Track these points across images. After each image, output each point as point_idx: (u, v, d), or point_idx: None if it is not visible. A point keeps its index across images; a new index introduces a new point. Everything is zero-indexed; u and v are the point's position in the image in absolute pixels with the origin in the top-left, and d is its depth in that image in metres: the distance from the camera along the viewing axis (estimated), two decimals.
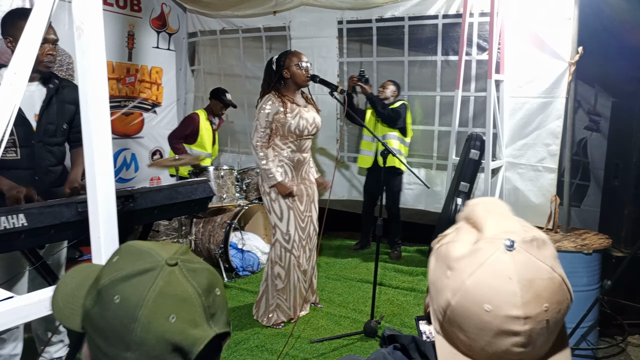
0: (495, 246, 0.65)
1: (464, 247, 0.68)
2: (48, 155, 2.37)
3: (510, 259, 0.64)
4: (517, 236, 0.66)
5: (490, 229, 0.67)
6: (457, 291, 0.65)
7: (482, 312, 0.63)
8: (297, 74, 3.08)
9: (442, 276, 0.68)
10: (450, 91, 4.25)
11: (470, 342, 0.66)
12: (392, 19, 4.46)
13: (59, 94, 2.39)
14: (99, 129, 1.32)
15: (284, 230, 3.11)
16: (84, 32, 1.26)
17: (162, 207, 2.17)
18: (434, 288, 0.70)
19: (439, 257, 0.72)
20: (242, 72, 5.46)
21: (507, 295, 0.62)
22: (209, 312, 0.71)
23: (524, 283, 0.63)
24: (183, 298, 0.69)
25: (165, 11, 5.45)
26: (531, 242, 0.66)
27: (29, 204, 1.85)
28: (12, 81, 1.16)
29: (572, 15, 3.42)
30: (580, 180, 4.36)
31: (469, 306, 0.64)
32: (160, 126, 5.61)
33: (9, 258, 2.20)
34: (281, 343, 2.90)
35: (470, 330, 0.65)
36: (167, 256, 0.72)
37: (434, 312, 0.71)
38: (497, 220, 0.69)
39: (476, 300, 0.63)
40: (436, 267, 0.71)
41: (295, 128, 3.05)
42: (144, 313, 0.66)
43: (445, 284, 0.67)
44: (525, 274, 0.63)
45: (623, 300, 3.11)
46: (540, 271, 0.64)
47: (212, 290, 0.73)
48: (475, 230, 0.70)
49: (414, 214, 4.77)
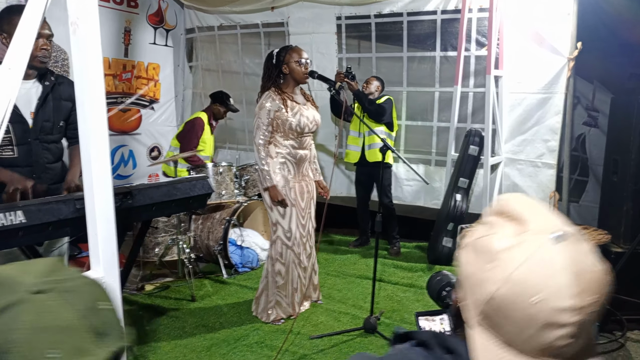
0: (542, 238, 0.65)
1: (506, 239, 0.67)
2: (45, 153, 2.36)
3: (559, 251, 0.64)
4: (564, 229, 0.67)
5: (535, 222, 0.67)
6: (502, 283, 0.64)
7: (528, 305, 0.63)
8: (296, 70, 3.06)
9: (482, 269, 0.68)
10: (449, 87, 4.24)
11: (511, 334, 0.65)
12: (391, 15, 4.45)
13: (55, 91, 2.37)
14: (95, 125, 1.31)
15: (286, 228, 3.10)
16: (79, 28, 1.25)
17: (161, 204, 2.17)
18: (471, 281, 0.70)
19: (475, 250, 0.70)
20: (240, 69, 5.44)
21: (558, 287, 0.62)
22: (97, 333, 0.62)
23: (575, 275, 0.63)
24: (61, 328, 0.59)
25: (163, 7, 5.42)
26: (574, 235, 0.67)
27: (28, 201, 1.84)
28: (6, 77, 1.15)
29: (571, 10, 3.42)
30: (579, 176, 4.36)
31: (514, 298, 0.64)
32: (158, 123, 5.60)
33: (9, 255, 2.19)
34: (281, 339, 2.90)
35: (513, 323, 0.64)
36: (30, 282, 0.60)
37: (469, 306, 0.70)
38: (540, 214, 0.70)
39: (523, 292, 0.63)
40: (472, 260, 0.70)
41: (297, 126, 3.03)
42: None
43: (487, 277, 0.66)
44: (576, 266, 0.64)
45: (622, 295, 3.11)
46: (588, 263, 0.65)
47: (96, 306, 0.64)
48: (513, 223, 0.69)
49: (413, 210, 4.76)
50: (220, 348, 2.87)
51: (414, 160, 4.52)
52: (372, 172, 4.40)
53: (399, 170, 4.62)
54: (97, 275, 1.42)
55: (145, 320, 3.22)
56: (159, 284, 3.84)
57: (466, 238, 0.75)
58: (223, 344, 2.92)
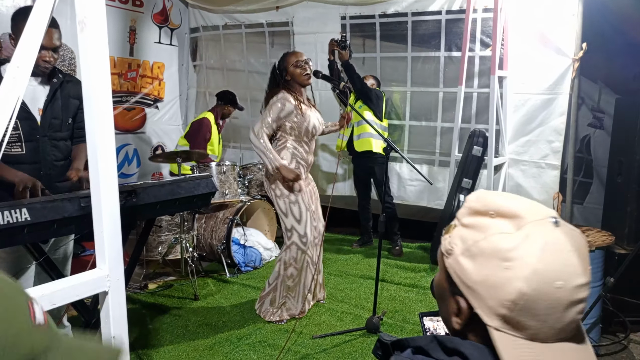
0: (545, 226, 0.68)
1: (510, 237, 0.68)
2: (53, 150, 2.36)
3: (561, 234, 0.68)
4: (552, 212, 0.70)
5: (530, 213, 0.69)
6: (530, 277, 0.66)
7: (555, 290, 0.65)
8: (297, 73, 3.05)
9: (497, 270, 0.68)
10: (453, 87, 4.23)
11: (539, 325, 0.67)
12: (395, 15, 4.44)
13: (63, 88, 2.38)
14: (102, 123, 1.32)
15: (302, 233, 3.08)
16: (87, 26, 1.26)
17: (165, 203, 2.17)
18: (485, 286, 0.69)
19: (480, 254, 0.70)
20: (244, 68, 5.44)
21: (573, 267, 0.66)
22: None
23: (578, 252, 0.67)
24: None
25: (167, 6, 5.44)
26: (558, 216, 0.71)
27: (32, 199, 1.84)
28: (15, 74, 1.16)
29: (576, 11, 3.41)
30: (583, 178, 4.35)
31: (541, 288, 0.65)
32: (162, 121, 5.61)
33: (17, 252, 2.20)
34: (283, 338, 2.90)
35: (542, 313, 0.66)
36: None
37: (489, 309, 0.69)
38: (525, 203, 0.72)
39: (547, 280, 0.65)
40: (480, 265, 0.70)
41: (312, 129, 3.05)
42: None
43: (508, 276, 0.67)
44: (575, 243, 0.68)
45: (626, 297, 3.10)
46: (580, 238, 0.69)
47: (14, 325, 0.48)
48: (505, 219, 0.70)
49: (417, 212, 4.76)
50: (222, 347, 2.87)
51: (417, 161, 4.52)
52: (367, 166, 4.40)
53: (402, 170, 4.62)
54: (103, 274, 1.43)
55: (148, 319, 3.23)
56: (162, 283, 3.85)
57: (455, 246, 0.74)
58: (226, 342, 2.92)
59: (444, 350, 0.72)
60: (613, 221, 3.47)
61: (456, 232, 0.75)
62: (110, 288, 1.43)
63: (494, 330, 0.68)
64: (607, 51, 3.77)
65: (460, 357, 0.70)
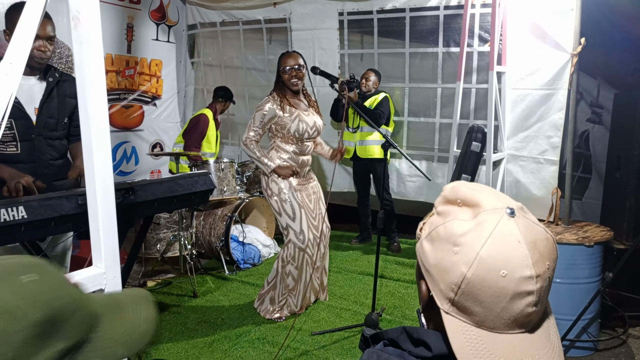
0: (498, 215, 0.69)
1: (465, 223, 0.70)
2: (49, 149, 2.35)
3: (514, 225, 0.69)
4: (512, 204, 0.71)
5: (488, 202, 0.71)
6: (472, 262, 0.67)
7: (499, 278, 0.66)
8: (284, 78, 3.11)
9: (448, 254, 0.70)
10: (451, 83, 4.22)
11: (485, 312, 0.68)
12: (393, 11, 4.43)
13: (59, 88, 2.37)
14: (96, 121, 1.31)
15: (298, 230, 3.09)
16: (81, 22, 1.25)
17: (163, 200, 2.17)
18: (438, 269, 0.71)
19: (437, 238, 0.73)
20: (242, 64, 5.43)
21: (520, 258, 0.67)
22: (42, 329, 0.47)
23: (530, 245, 0.68)
24: None
25: (165, 3, 5.42)
26: (521, 208, 0.72)
27: (29, 197, 1.84)
28: (7, 71, 1.15)
29: (574, 6, 3.39)
30: (582, 173, 4.34)
31: (485, 275, 0.66)
32: (161, 119, 5.60)
33: (12, 251, 2.20)
34: (282, 335, 2.90)
35: (487, 300, 0.67)
36: None
37: (441, 292, 0.71)
38: (489, 194, 0.73)
39: (492, 267, 0.66)
40: (436, 248, 0.73)
41: (295, 131, 3.06)
42: None
43: (455, 260, 0.69)
44: (529, 236, 0.68)
45: (624, 292, 3.11)
46: (538, 232, 0.70)
47: (18, 281, 0.48)
48: (467, 207, 0.72)
49: (416, 208, 4.75)
50: (221, 344, 2.87)
51: (416, 157, 4.51)
52: (368, 166, 4.40)
53: (401, 166, 4.61)
54: (99, 271, 1.42)
55: None
56: (161, 280, 3.85)
57: (423, 231, 0.77)
58: (225, 339, 2.92)
59: (411, 340, 0.75)
60: (612, 216, 3.47)
61: (431, 219, 0.78)
62: (106, 286, 1.43)
63: (445, 313, 0.71)
64: (606, 46, 3.75)
65: (424, 347, 0.73)
